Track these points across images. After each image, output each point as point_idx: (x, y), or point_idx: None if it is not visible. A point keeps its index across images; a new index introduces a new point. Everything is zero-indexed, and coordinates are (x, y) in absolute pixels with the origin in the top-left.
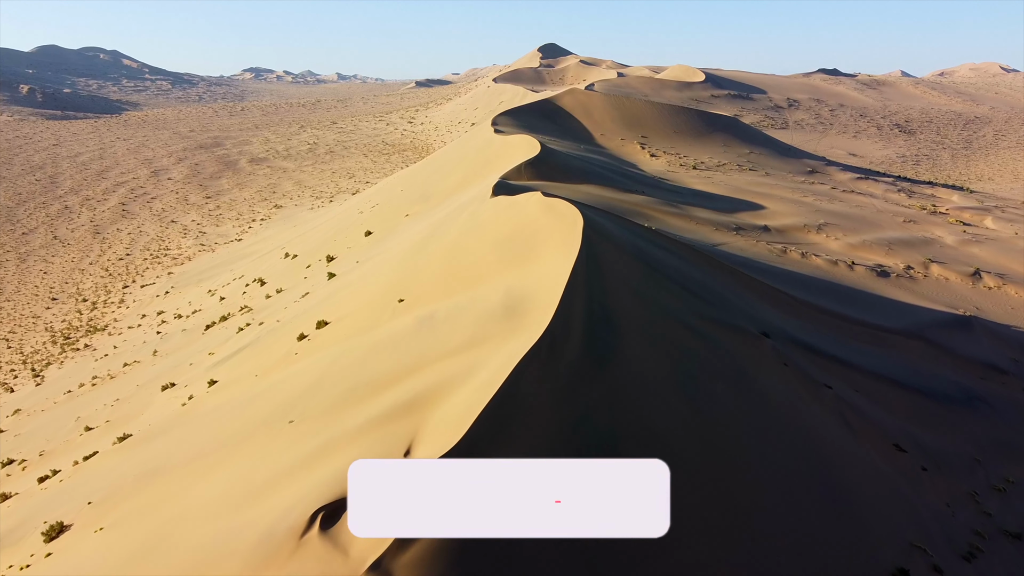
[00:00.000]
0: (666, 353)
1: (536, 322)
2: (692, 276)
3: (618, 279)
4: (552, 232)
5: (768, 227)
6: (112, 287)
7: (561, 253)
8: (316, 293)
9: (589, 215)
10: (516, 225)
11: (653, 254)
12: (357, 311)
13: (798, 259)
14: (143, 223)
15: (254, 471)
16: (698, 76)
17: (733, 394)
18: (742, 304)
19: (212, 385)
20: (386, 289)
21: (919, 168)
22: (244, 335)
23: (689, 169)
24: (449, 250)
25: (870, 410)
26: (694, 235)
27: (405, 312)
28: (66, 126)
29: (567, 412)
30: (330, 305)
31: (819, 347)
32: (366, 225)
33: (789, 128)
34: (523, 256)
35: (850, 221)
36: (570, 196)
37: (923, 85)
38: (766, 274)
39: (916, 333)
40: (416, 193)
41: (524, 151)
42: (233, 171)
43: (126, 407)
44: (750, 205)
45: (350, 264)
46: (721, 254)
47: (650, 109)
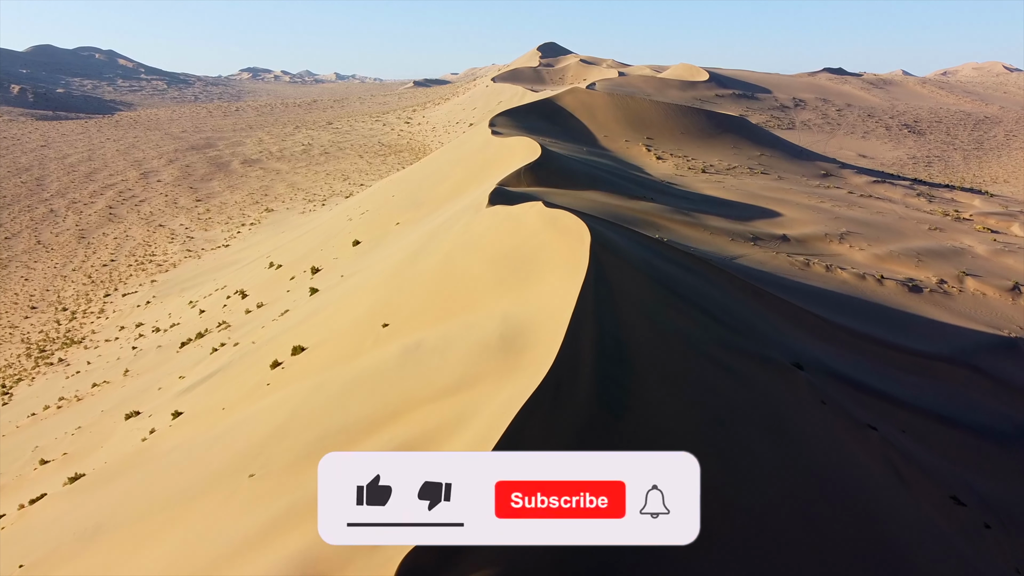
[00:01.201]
0: (690, 395)
1: (538, 360)
2: (713, 297)
3: (631, 305)
4: (555, 249)
5: (787, 236)
6: (94, 295)
7: (566, 274)
8: (296, 310)
9: (597, 229)
10: (515, 240)
11: (669, 272)
12: (337, 335)
13: (822, 273)
14: (130, 227)
15: (201, 543)
16: (702, 75)
17: (768, 443)
18: (769, 329)
19: (176, 417)
20: (369, 310)
21: (931, 170)
22: (217, 357)
23: (698, 173)
24: (440, 268)
25: (921, 455)
26: (709, 247)
27: (389, 339)
28: (55, 127)
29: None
30: (309, 326)
31: (858, 379)
32: (354, 234)
33: (796, 128)
34: (522, 276)
35: (873, 229)
36: (574, 204)
37: (930, 84)
38: (791, 292)
39: (961, 359)
40: (408, 199)
41: (523, 154)
42: (225, 173)
43: (86, 437)
44: (766, 212)
45: (335, 278)
46: (740, 269)
47: (656, 109)
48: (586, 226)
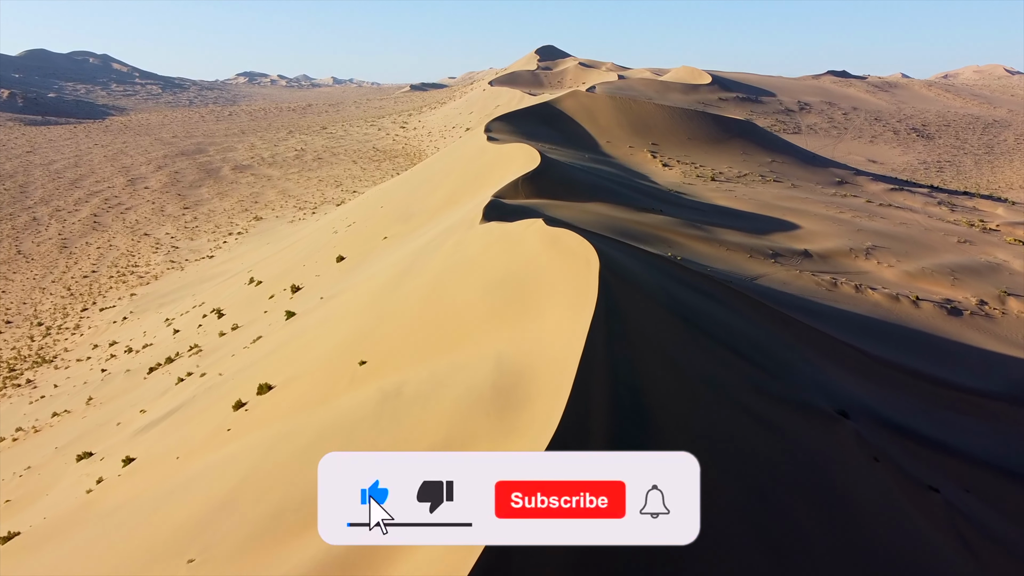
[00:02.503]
0: (722, 458)
1: (539, 420)
2: (739, 329)
3: (649, 344)
4: (558, 275)
5: (809, 252)
6: (71, 309)
7: (571, 307)
8: (270, 337)
9: (606, 251)
10: (512, 263)
11: (688, 301)
12: (309, 371)
13: (852, 294)
14: (114, 236)
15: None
16: (704, 78)
17: (817, 517)
18: (805, 367)
19: (127, 465)
20: (346, 343)
21: (944, 175)
22: (183, 388)
23: (707, 181)
24: (426, 294)
25: (991, 521)
26: (726, 265)
27: (366, 380)
28: (43, 132)
29: (592, 570)
30: (280, 358)
31: (910, 426)
32: (339, 248)
33: (802, 132)
34: (520, 308)
35: (900, 243)
36: (577, 218)
37: (936, 87)
38: (822, 318)
39: (1020, 396)
40: (397, 211)
41: (521, 162)
42: (215, 179)
43: (34, 480)
44: (783, 224)
45: (314, 299)
46: (764, 292)
47: (661, 113)
48: (593, 248)
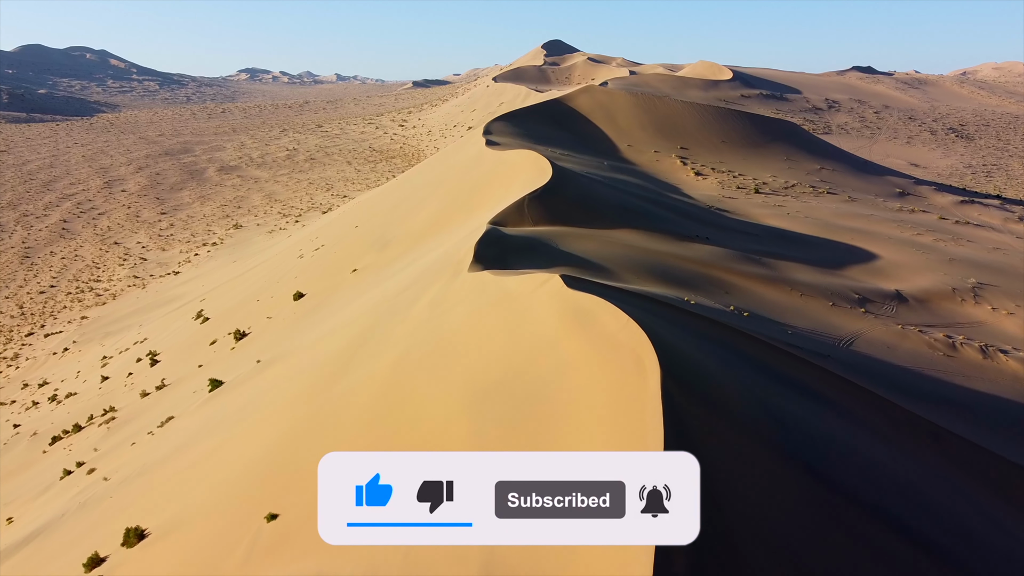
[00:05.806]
0: None
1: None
2: (877, 463)
3: (762, 539)
4: (590, 384)
5: (902, 294)
6: (16, 333)
7: (618, 448)
8: (180, 424)
9: (665, 338)
10: (515, 353)
11: (796, 418)
12: (198, 517)
13: (979, 361)
14: (82, 245)
15: None
16: (725, 73)
17: None
18: (977, 524)
19: None
20: (255, 473)
21: (993, 180)
22: (63, 490)
23: (751, 193)
24: (380, 393)
25: None
26: (806, 320)
27: (271, 552)
28: (22, 130)
29: None
30: (169, 477)
31: None
32: (300, 280)
33: (833, 133)
34: (527, 438)
35: (1006, 277)
36: (605, 255)
37: (968, 84)
38: (964, 414)
39: None
40: (372, 234)
41: (528, 174)
42: (198, 182)
43: None
44: (856, 253)
45: (251, 359)
46: (874, 370)
47: (689, 112)
48: (647, 337)
